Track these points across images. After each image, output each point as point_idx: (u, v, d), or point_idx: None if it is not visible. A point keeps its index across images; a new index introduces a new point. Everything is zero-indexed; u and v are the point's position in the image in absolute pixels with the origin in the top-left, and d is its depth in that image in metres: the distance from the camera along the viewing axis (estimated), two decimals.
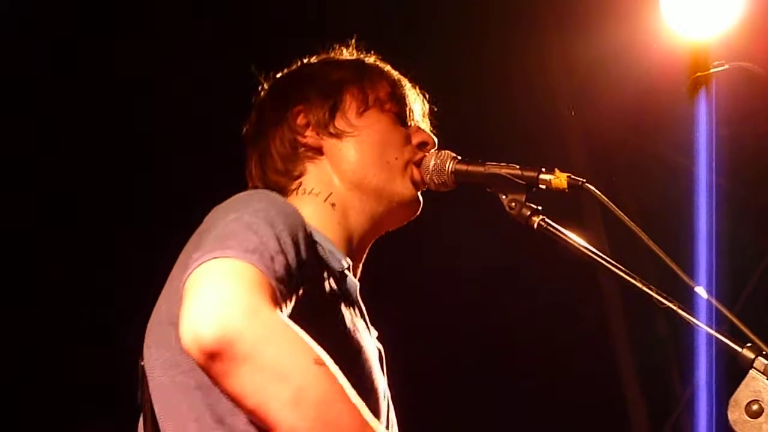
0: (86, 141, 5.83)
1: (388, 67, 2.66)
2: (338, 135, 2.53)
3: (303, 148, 2.53)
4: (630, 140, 7.00)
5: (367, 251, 2.57)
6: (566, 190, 2.40)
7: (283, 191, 2.50)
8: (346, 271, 2.39)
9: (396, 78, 2.63)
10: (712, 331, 2.20)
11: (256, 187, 2.53)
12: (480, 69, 6.03)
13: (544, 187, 2.41)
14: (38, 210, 5.80)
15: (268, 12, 5.87)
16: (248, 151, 2.61)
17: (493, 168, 2.47)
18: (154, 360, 2.23)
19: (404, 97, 2.61)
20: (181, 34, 5.72)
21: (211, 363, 1.96)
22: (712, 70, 5.58)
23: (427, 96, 2.68)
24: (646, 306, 2.22)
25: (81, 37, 5.71)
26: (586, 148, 6.99)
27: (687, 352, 6.85)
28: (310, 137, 2.53)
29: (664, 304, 2.22)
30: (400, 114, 2.59)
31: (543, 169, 2.42)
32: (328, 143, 2.53)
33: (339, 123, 2.53)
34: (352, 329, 2.32)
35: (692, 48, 5.63)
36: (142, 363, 2.26)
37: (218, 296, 1.97)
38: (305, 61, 2.68)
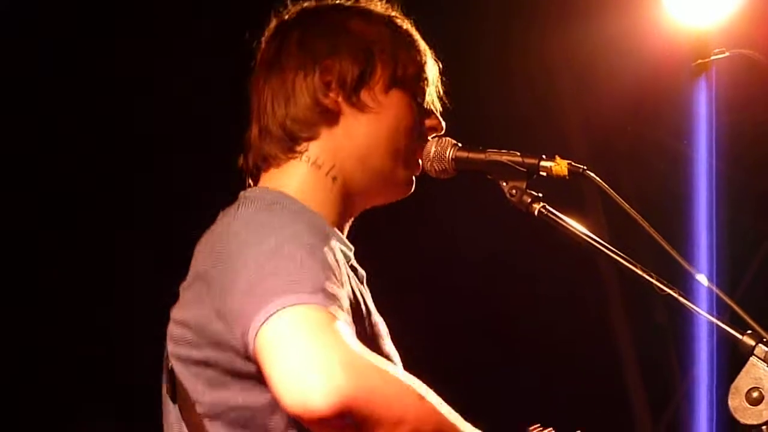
0: (86, 141, 5.81)
1: (418, 38, 2.52)
2: (360, 107, 2.39)
3: (321, 109, 2.37)
4: (630, 128, 6.99)
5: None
6: (567, 177, 2.39)
7: (290, 148, 2.37)
8: (353, 260, 2.36)
9: (423, 53, 2.50)
10: (713, 318, 2.20)
11: (265, 129, 2.39)
12: (480, 57, 6.02)
13: (544, 174, 2.40)
14: (38, 210, 5.78)
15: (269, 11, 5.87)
16: (259, 79, 2.45)
17: (493, 155, 2.46)
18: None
19: (427, 78, 2.50)
20: (182, 33, 5.70)
21: (333, 428, 1.97)
22: (712, 58, 5.58)
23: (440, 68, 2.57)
24: (646, 293, 2.22)
25: (81, 36, 5.69)
26: (586, 136, 6.98)
27: (687, 340, 6.86)
28: (332, 100, 2.37)
29: (665, 291, 2.22)
30: (421, 95, 2.48)
31: (544, 156, 2.40)
32: (347, 112, 2.39)
33: (364, 95, 2.39)
34: (375, 321, 2.31)
35: (693, 35, 5.63)
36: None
37: (312, 359, 1.94)
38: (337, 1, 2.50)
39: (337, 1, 2.50)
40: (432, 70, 2.53)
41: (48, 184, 5.84)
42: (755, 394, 2.03)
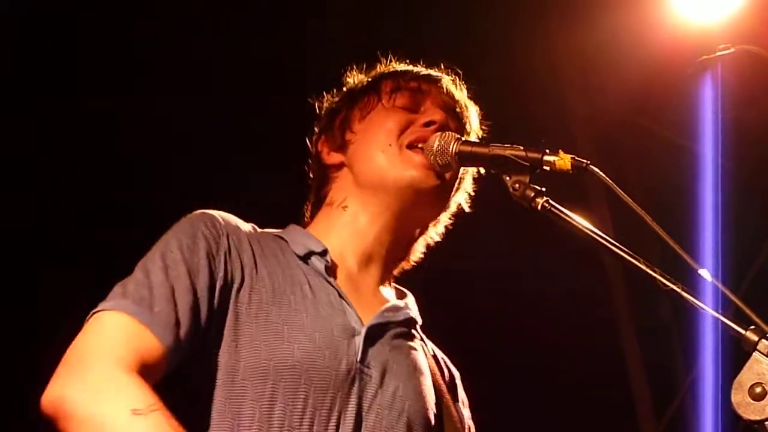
0: (86, 140, 5.79)
1: (398, 65, 2.75)
2: (347, 145, 2.65)
3: (328, 169, 2.68)
4: (635, 123, 6.99)
5: (404, 243, 2.68)
6: (570, 172, 2.37)
7: (318, 213, 2.68)
8: (315, 256, 2.49)
9: (403, 70, 2.71)
10: (716, 314, 2.19)
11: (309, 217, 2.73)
12: (485, 52, 6.01)
13: (548, 168, 2.38)
14: (38, 210, 5.76)
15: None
16: None
17: (497, 149, 2.46)
18: None
19: (411, 87, 2.66)
20: (182, 32, 5.70)
21: (55, 424, 2.17)
22: (717, 54, 5.57)
23: (459, 89, 2.73)
24: (651, 289, 2.21)
25: (81, 36, 5.67)
26: (591, 131, 6.97)
27: (691, 336, 6.86)
28: (330, 157, 2.68)
29: (668, 287, 2.21)
30: (406, 105, 2.64)
31: (547, 151, 2.39)
32: (344, 157, 2.66)
33: (347, 136, 2.66)
34: (306, 302, 2.39)
35: (698, 31, 5.63)
36: None
37: (64, 360, 2.22)
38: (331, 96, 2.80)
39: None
40: (424, 82, 2.69)
41: (48, 184, 5.81)
42: (758, 390, 2.02)
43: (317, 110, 2.79)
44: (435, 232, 2.76)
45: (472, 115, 2.73)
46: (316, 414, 2.29)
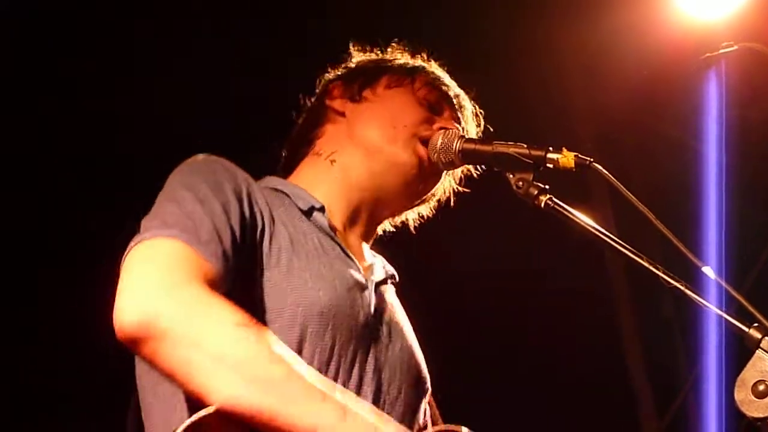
0: (86, 140, 5.79)
1: (437, 68, 2.74)
2: (360, 101, 2.64)
3: (328, 111, 2.67)
4: (638, 121, 6.98)
5: (377, 218, 2.64)
6: (574, 170, 2.38)
7: (302, 157, 2.65)
8: (317, 212, 2.47)
9: (439, 75, 2.72)
10: (720, 311, 2.19)
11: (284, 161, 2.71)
12: (487, 48, 6.01)
13: (551, 166, 2.39)
14: (38, 210, 5.75)
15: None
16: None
17: (500, 147, 2.46)
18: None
19: (443, 91, 2.68)
20: (182, 30, 5.70)
21: (139, 348, 2.05)
22: (721, 51, 5.56)
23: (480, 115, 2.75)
24: (653, 287, 2.21)
25: (81, 36, 5.67)
26: (594, 129, 6.97)
27: (694, 333, 6.85)
28: (337, 102, 2.66)
29: (671, 284, 2.21)
30: (432, 103, 2.65)
31: (551, 148, 2.40)
32: (350, 108, 2.64)
33: (366, 92, 2.65)
34: (319, 253, 2.38)
35: (701, 28, 5.62)
36: None
37: (135, 283, 2.07)
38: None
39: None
40: (455, 95, 2.70)
41: (48, 184, 5.81)
42: (761, 387, 2.03)
43: (345, 57, 2.78)
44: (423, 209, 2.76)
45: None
46: (341, 361, 2.28)
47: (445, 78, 2.72)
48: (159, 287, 2.05)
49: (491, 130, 2.75)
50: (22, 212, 5.67)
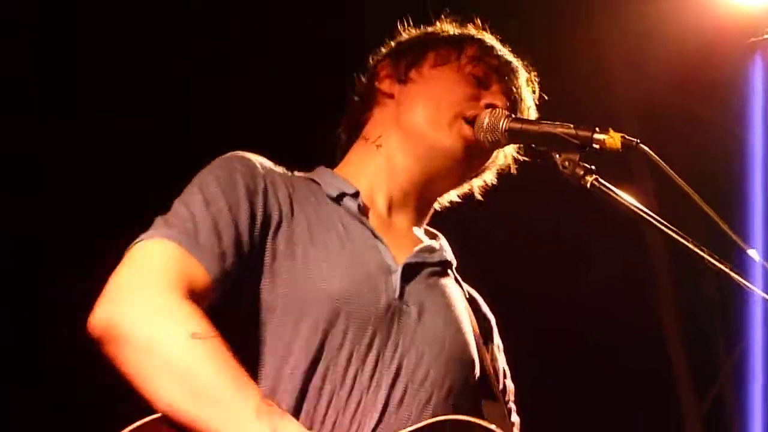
0: (86, 139, 5.79)
1: (487, 37, 2.71)
2: (407, 81, 2.63)
3: (377, 93, 2.67)
4: (682, 106, 6.95)
5: (428, 199, 2.64)
6: (620, 150, 2.37)
7: (352, 142, 2.68)
8: (348, 198, 2.48)
9: (489, 45, 2.68)
10: (764, 294, 2.18)
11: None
12: (530, 35, 5.99)
13: (597, 146, 2.38)
14: (38, 210, 5.76)
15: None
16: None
17: (546, 127, 2.46)
18: None
19: (491, 64, 2.64)
20: (182, 29, 5.71)
21: (104, 348, 2.14)
22: (766, 36, 5.53)
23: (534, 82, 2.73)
24: (695, 268, 2.21)
25: (81, 36, 5.68)
26: (637, 112, 6.94)
27: (736, 315, 6.83)
28: (385, 83, 2.66)
29: (716, 267, 2.20)
30: (479, 77, 2.62)
31: (597, 129, 2.38)
32: (398, 89, 2.64)
33: (412, 73, 2.64)
34: (342, 241, 2.40)
35: (747, 13, 5.58)
36: None
37: (113, 284, 2.18)
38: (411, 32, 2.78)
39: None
40: (504, 65, 2.66)
41: (48, 184, 5.80)
42: None
43: (394, 38, 2.77)
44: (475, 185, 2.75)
45: (528, 110, 2.70)
46: (354, 349, 2.29)
47: (495, 47, 2.69)
48: (131, 292, 2.16)
49: (546, 98, 2.74)
50: (24, 213, 5.67)
